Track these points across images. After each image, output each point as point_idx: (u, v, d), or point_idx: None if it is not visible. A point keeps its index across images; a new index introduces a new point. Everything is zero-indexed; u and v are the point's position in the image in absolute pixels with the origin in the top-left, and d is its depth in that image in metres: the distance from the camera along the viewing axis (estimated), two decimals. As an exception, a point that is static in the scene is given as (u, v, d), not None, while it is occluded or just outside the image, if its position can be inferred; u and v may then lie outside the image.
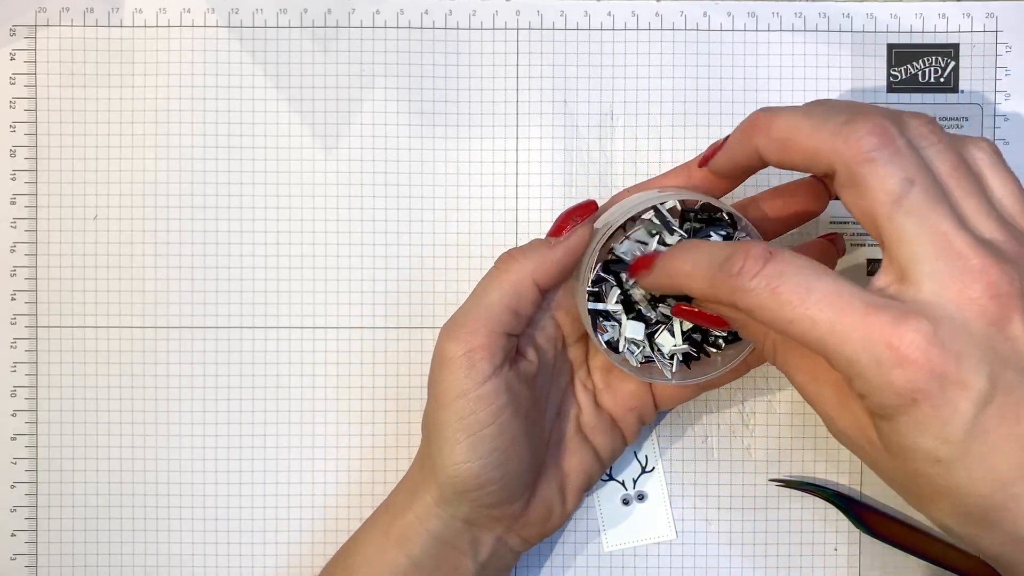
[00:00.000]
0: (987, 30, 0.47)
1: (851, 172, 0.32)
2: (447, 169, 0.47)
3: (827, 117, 0.33)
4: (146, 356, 0.47)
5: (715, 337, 0.40)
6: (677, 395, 0.43)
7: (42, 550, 0.47)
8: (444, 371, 0.38)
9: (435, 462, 0.39)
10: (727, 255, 0.33)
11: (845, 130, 0.32)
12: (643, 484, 0.47)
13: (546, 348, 0.41)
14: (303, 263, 0.47)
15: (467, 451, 0.38)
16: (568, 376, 0.43)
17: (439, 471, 0.39)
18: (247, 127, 0.47)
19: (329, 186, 0.47)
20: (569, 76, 0.47)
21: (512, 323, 0.39)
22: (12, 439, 0.47)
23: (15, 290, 0.47)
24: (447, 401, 0.38)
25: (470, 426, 0.38)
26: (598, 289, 0.40)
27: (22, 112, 0.47)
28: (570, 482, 0.42)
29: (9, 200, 0.47)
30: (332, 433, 0.47)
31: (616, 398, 0.43)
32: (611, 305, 0.40)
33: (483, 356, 0.38)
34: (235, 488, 0.47)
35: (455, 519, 0.40)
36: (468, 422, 0.38)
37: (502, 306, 0.39)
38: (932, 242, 0.31)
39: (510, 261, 0.39)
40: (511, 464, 0.39)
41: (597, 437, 0.43)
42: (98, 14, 0.47)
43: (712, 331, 0.40)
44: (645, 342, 0.40)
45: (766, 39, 0.47)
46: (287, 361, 0.47)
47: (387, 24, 0.47)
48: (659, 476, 0.47)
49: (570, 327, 0.42)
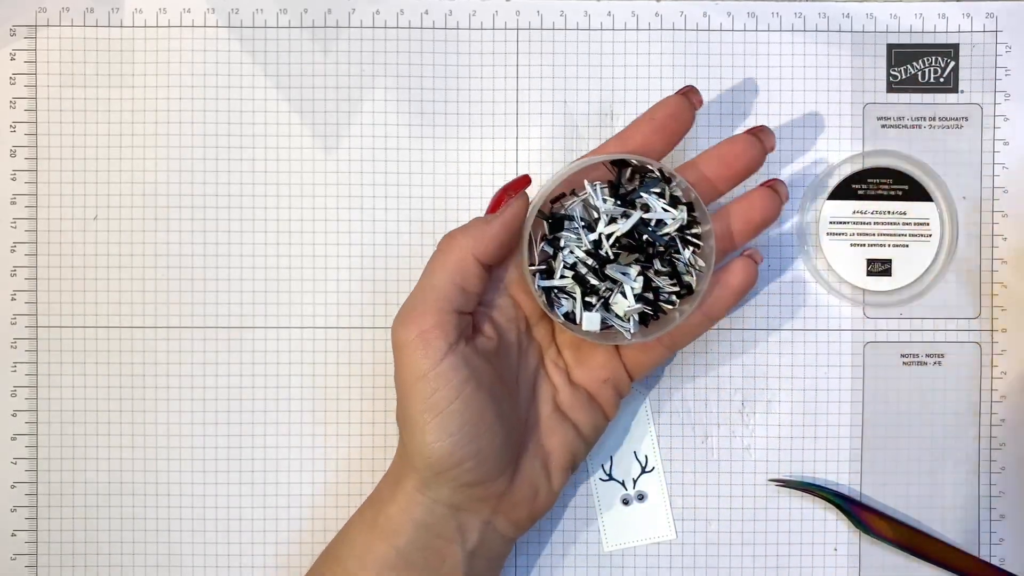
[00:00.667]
0: (987, 30, 0.47)
1: None
2: (447, 169, 0.47)
3: None
4: (146, 356, 0.47)
5: (668, 294, 0.41)
6: (646, 359, 0.43)
7: (42, 550, 0.47)
8: (402, 357, 0.39)
9: (409, 448, 0.40)
10: None
11: None
12: (643, 484, 0.47)
13: (507, 327, 0.42)
14: (303, 263, 0.47)
15: (437, 430, 0.39)
16: (538, 357, 0.43)
17: (415, 456, 0.39)
18: (247, 127, 0.47)
19: (329, 186, 0.47)
20: (569, 76, 0.47)
21: (460, 300, 0.40)
22: (12, 439, 0.47)
23: (15, 290, 0.47)
24: (410, 385, 0.39)
25: (435, 404, 0.39)
26: (546, 266, 0.41)
27: (22, 112, 0.47)
28: (554, 460, 0.42)
29: (9, 200, 0.47)
30: (332, 433, 0.47)
31: (588, 372, 0.43)
32: (559, 281, 0.41)
33: (436, 335, 0.39)
34: (234, 488, 0.47)
35: (438, 504, 0.40)
36: (432, 401, 0.39)
37: (447, 285, 0.40)
38: None
39: (450, 241, 0.40)
40: (484, 439, 0.39)
41: (576, 414, 0.43)
42: (98, 14, 0.47)
43: (664, 288, 0.41)
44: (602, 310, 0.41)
45: (766, 39, 0.47)
46: (287, 361, 0.47)
47: (387, 24, 0.47)
48: (659, 476, 0.47)
49: (531, 307, 0.43)
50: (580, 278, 0.41)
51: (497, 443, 0.40)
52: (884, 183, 0.47)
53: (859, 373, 0.47)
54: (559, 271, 0.41)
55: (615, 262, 0.41)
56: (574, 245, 0.41)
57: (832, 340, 0.47)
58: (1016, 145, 0.47)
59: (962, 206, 0.47)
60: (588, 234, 0.41)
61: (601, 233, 0.41)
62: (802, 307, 0.47)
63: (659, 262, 0.41)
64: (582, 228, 0.41)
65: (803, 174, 0.47)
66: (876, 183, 0.47)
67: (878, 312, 0.47)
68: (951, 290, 0.47)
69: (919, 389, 0.47)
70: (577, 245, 0.41)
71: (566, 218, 0.41)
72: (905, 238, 0.47)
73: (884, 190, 0.47)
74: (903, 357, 0.47)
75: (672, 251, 0.41)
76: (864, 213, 0.47)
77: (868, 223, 0.47)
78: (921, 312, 0.47)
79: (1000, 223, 0.47)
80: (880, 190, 0.47)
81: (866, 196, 0.47)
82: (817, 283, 0.47)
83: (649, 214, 0.41)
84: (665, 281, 0.41)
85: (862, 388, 0.47)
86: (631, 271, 0.41)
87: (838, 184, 0.47)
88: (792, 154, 0.47)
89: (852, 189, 0.47)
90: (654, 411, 0.47)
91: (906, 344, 0.47)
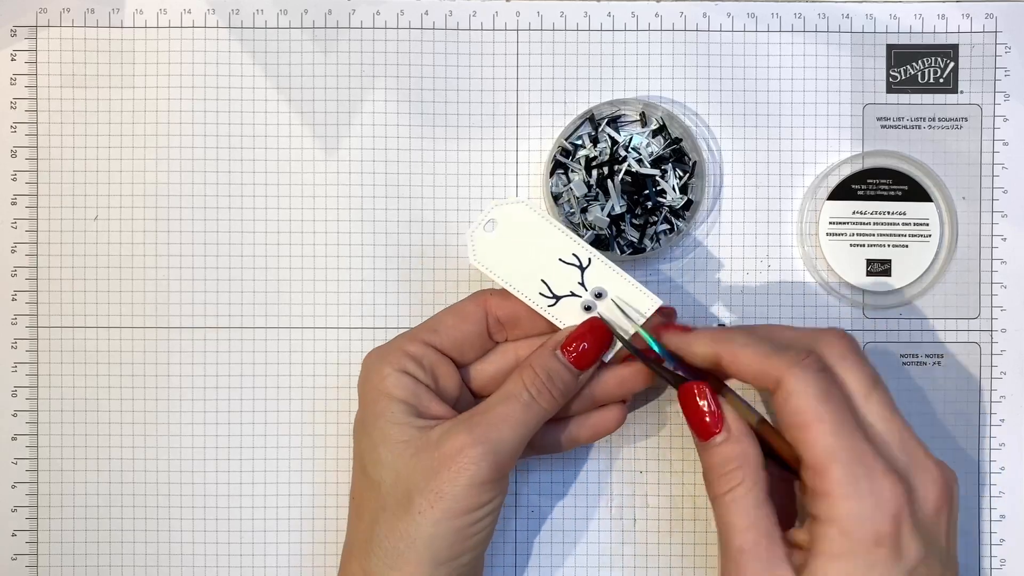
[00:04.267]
0: (987, 31, 0.47)
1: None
2: (447, 169, 0.47)
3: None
4: (146, 356, 0.47)
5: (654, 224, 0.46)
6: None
7: (43, 550, 0.47)
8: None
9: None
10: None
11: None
12: (592, 282, 0.42)
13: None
14: (303, 263, 0.47)
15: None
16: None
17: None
18: (247, 127, 0.47)
19: (329, 186, 0.47)
20: (569, 76, 0.47)
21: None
22: (13, 439, 0.47)
23: (16, 290, 0.47)
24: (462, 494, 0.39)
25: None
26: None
27: (23, 113, 0.47)
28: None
29: (10, 201, 0.47)
30: (332, 433, 0.47)
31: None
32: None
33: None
34: (235, 488, 0.47)
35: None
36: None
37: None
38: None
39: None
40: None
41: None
42: (99, 15, 0.47)
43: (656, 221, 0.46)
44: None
45: (766, 39, 0.47)
46: (287, 361, 0.47)
47: (387, 25, 0.47)
48: (603, 267, 0.42)
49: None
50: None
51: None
52: (884, 183, 0.47)
53: (859, 373, 0.47)
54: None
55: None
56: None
57: (832, 340, 0.47)
58: (1016, 145, 0.47)
59: (962, 206, 0.47)
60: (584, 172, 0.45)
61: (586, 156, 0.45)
62: (802, 307, 0.47)
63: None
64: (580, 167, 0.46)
65: (803, 174, 0.47)
66: (876, 183, 0.47)
67: (878, 312, 0.47)
68: (951, 290, 0.47)
69: (919, 389, 0.47)
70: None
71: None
72: (905, 238, 0.47)
73: (884, 190, 0.47)
74: (903, 357, 0.47)
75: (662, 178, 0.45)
76: (864, 213, 0.47)
77: (868, 223, 0.47)
78: (921, 312, 0.47)
79: (1000, 223, 0.47)
80: (880, 190, 0.47)
81: (866, 196, 0.47)
82: (817, 283, 0.47)
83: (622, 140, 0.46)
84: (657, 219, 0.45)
85: (862, 388, 0.47)
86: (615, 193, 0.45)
87: (838, 184, 0.47)
88: (792, 154, 0.47)
89: (852, 189, 0.47)
90: (651, 411, 0.47)
91: (906, 344, 0.47)
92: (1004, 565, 0.47)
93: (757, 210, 0.47)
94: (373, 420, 0.40)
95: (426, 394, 0.41)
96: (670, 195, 0.46)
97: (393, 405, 0.40)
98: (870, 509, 0.36)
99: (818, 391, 0.37)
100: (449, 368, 0.42)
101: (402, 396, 0.40)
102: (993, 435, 0.47)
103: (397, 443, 0.39)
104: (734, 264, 0.47)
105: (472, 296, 0.43)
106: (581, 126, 0.46)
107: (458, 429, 0.39)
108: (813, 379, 0.37)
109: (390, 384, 0.40)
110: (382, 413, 0.40)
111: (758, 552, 0.37)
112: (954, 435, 0.47)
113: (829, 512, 0.36)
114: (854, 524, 0.36)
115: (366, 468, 0.40)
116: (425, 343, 0.41)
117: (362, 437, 0.41)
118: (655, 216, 0.46)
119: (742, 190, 0.47)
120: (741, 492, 0.38)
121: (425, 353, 0.41)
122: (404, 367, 0.40)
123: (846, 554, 0.36)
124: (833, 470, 0.36)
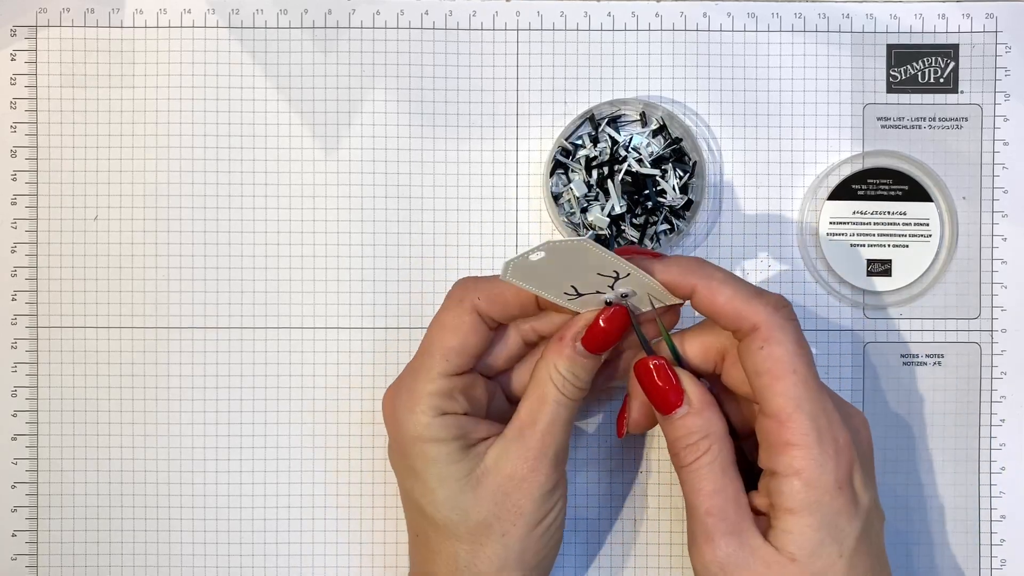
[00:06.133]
0: (987, 30, 0.47)
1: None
2: (447, 169, 0.47)
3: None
4: (146, 356, 0.47)
5: (654, 223, 0.45)
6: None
7: (42, 550, 0.47)
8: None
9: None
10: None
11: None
12: (620, 286, 0.39)
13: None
14: (303, 263, 0.47)
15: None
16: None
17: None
18: (247, 127, 0.47)
19: (329, 186, 0.47)
20: (569, 76, 0.47)
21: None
22: (12, 439, 0.47)
23: (15, 290, 0.47)
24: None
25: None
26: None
27: (23, 113, 0.47)
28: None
29: (10, 201, 0.47)
30: (332, 433, 0.47)
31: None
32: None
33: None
34: (235, 488, 0.47)
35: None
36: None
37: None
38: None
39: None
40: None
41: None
42: (99, 15, 0.47)
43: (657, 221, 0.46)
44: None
45: (766, 39, 0.47)
46: (287, 361, 0.47)
47: (387, 25, 0.47)
48: (634, 275, 0.39)
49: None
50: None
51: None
52: (884, 183, 0.47)
53: (859, 373, 0.47)
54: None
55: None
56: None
57: (832, 340, 0.47)
58: (1016, 145, 0.47)
59: (962, 206, 0.47)
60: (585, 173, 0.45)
61: (586, 156, 0.45)
62: (802, 307, 0.47)
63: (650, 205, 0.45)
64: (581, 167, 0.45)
65: (803, 174, 0.47)
66: (876, 183, 0.47)
67: (878, 312, 0.47)
68: (951, 290, 0.47)
69: (919, 389, 0.47)
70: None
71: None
72: (905, 238, 0.47)
73: (884, 190, 0.47)
74: (903, 357, 0.47)
75: (663, 177, 0.45)
76: (864, 213, 0.47)
77: (868, 223, 0.47)
78: (921, 312, 0.47)
79: (1000, 223, 0.47)
80: (880, 190, 0.47)
81: (866, 196, 0.47)
82: (817, 283, 0.47)
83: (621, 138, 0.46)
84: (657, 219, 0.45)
85: (862, 388, 0.47)
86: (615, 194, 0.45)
87: (838, 184, 0.47)
88: (792, 154, 0.47)
89: (852, 189, 0.47)
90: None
91: (906, 344, 0.47)
92: (1004, 565, 0.47)
93: (757, 210, 0.47)
94: (424, 466, 0.39)
95: (468, 422, 0.40)
96: (670, 195, 0.46)
97: (442, 447, 0.39)
98: (832, 459, 0.36)
99: (794, 341, 0.37)
100: (472, 379, 0.41)
101: (448, 436, 0.39)
102: (993, 435, 0.47)
103: (455, 482, 0.39)
104: (734, 264, 0.47)
105: (457, 305, 0.40)
106: (581, 126, 0.46)
107: (513, 449, 0.39)
108: (792, 329, 0.37)
109: (434, 431, 0.39)
110: (434, 459, 0.39)
111: (726, 515, 0.37)
112: (954, 435, 0.47)
113: (792, 464, 0.36)
114: (817, 474, 0.36)
115: (424, 510, 0.40)
116: (444, 375, 0.40)
117: (414, 483, 0.40)
118: (655, 216, 0.46)
119: (742, 190, 0.47)
120: (707, 460, 0.38)
121: (450, 385, 0.40)
122: (439, 407, 0.39)
123: (811, 505, 0.36)
124: (799, 420, 0.36)
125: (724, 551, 0.37)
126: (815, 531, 0.36)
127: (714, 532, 0.37)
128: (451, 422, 0.39)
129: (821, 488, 0.36)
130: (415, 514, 0.41)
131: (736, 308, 0.38)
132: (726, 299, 0.38)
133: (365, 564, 0.47)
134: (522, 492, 0.39)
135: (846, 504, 0.37)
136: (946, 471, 0.47)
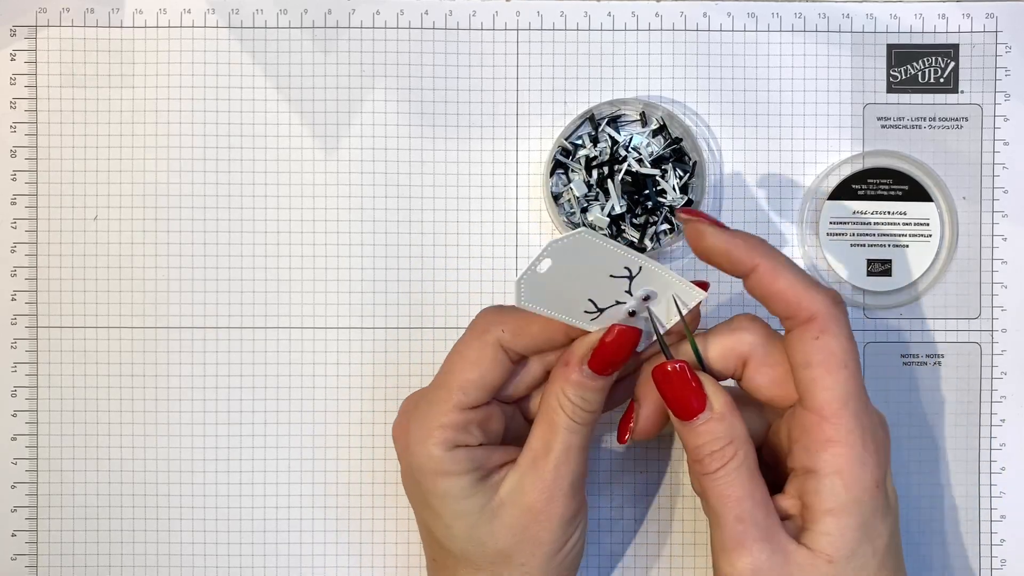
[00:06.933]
0: (987, 30, 0.47)
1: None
2: (447, 169, 0.47)
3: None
4: (146, 356, 0.47)
5: (654, 223, 0.45)
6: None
7: (42, 550, 0.47)
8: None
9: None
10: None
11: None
12: (637, 286, 0.38)
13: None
14: (303, 263, 0.47)
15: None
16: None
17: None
18: (247, 127, 0.47)
19: (329, 186, 0.47)
20: (569, 76, 0.47)
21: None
22: (12, 439, 0.47)
23: (15, 290, 0.47)
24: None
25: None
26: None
27: (22, 112, 0.47)
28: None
29: (9, 200, 0.47)
30: (332, 433, 0.47)
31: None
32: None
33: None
34: (235, 488, 0.47)
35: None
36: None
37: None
38: None
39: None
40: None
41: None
42: (98, 14, 0.47)
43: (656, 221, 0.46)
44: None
45: (766, 39, 0.47)
46: (287, 361, 0.47)
47: (387, 25, 0.47)
48: (649, 270, 0.38)
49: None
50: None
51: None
52: (884, 183, 0.47)
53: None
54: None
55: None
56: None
57: (832, 340, 0.47)
58: (1016, 145, 0.47)
59: (962, 206, 0.47)
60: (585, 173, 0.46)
61: (586, 156, 0.45)
62: (802, 307, 0.47)
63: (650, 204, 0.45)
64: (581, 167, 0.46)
65: (803, 174, 0.47)
66: (876, 183, 0.47)
67: (878, 312, 0.47)
68: (951, 290, 0.47)
69: (919, 389, 0.47)
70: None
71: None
72: (905, 238, 0.47)
73: (884, 190, 0.47)
74: (903, 357, 0.47)
75: (662, 177, 0.45)
76: (864, 213, 0.47)
77: (868, 223, 0.47)
78: (921, 312, 0.47)
79: (1000, 223, 0.47)
80: (880, 190, 0.47)
81: (866, 196, 0.47)
82: (817, 283, 0.47)
83: (621, 139, 0.46)
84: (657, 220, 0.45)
85: (862, 388, 0.47)
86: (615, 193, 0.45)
87: (838, 184, 0.47)
88: (792, 154, 0.47)
89: (852, 189, 0.47)
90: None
91: (906, 344, 0.47)
92: (1004, 565, 0.47)
93: (757, 210, 0.47)
94: (440, 500, 0.39)
95: (483, 452, 0.39)
96: (670, 195, 0.46)
97: (456, 481, 0.38)
98: (873, 456, 0.36)
99: (849, 337, 0.37)
100: (488, 411, 0.40)
101: (462, 469, 0.38)
102: (993, 435, 0.47)
103: (470, 516, 0.39)
104: (734, 264, 0.47)
105: (480, 337, 0.39)
106: (581, 126, 0.46)
107: (528, 480, 0.38)
108: (848, 325, 0.37)
109: (447, 464, 0.38)
110: (447, 492, 0.38)
111: (756, 520, 0.36)
112: (954, 435, 0.47)
113: (834, 462, 0.36)
114: (859, 473, 0.36)
115: (442, 542, 0.40)
116: (459, 408, 0.38)
117: (428, 515, 0.40)
118: (655, 216, 0.46)
119: (742, 190, 0.47)
120: (734, 465, 0.37)
121: (466, 418, 0.39)
122: (453, 440, 0.38)
123: (851, 506, 0.36)
124: (845, 417, 0.36)
125: (758, 558, 0.36)
126: (854, 531, 0.36)
127: (746, 539, 0.36)
128: (464, 455, 0.38)
129: (860, 487, 0.36)
130: (431, 542, 0.41)
131: (797, 294, 0.37)
132: (788, 284, 0.37)
133: (365, 564, 0.47)
134: (540, 524, 0.38)
135: (882, 503, 0.36)
136: (946, 471, 0.47)
